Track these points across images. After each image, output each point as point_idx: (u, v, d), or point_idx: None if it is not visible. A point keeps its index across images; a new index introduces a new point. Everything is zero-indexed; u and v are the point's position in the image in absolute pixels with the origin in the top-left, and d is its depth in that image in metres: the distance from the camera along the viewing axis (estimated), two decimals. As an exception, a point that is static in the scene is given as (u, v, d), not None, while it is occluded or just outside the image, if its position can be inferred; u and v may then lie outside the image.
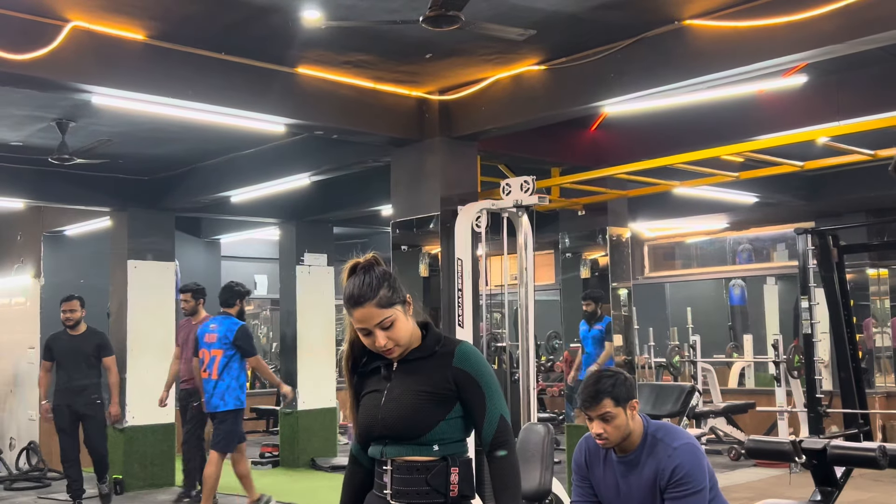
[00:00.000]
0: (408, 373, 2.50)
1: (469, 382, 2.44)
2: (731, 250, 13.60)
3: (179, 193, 9.11)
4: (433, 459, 2.42)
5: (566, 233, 8.46)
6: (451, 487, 2.43)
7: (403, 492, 2.43)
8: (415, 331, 2.53)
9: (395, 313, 2.46)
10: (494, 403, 2.45)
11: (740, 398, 11.22)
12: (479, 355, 2.53)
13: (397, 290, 2.49)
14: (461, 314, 6.34)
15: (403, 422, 2.45)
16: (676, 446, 3.39)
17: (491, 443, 2.45)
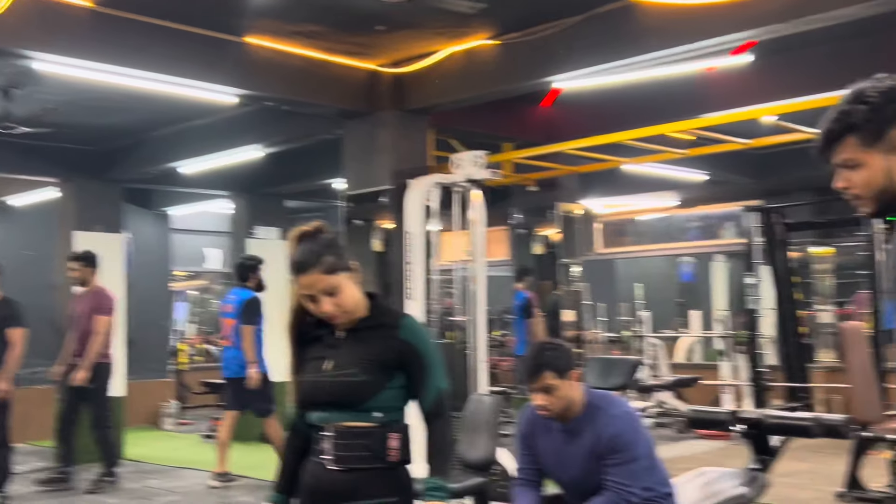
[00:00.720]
0: (353, 341, 2.53)
1: (413, 354, 2.49)
2: (681, 228, 13.80)
3: (128, 164, 8.99)
4: (374, 426, 2.46)
5: (518, 208, 8.53)
6: (390, 452, 2.46)
7: (344, 457, 2.45)
8: (361, 300, 2.55)
9: (341, 280, 2.48)
10: (434, 376, 2.51)
11: (687, 372, 11.41)
12: (424, 329, 2.58)
13: (342, 257, 2.50)
14: (411, 287, 6.38)
15: (347, 389, 2.48)
16: (616, 414, 3.47)
17: (429, 412, 2.50)
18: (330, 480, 2.47)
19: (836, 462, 8.09)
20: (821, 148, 2.04)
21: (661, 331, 13.00)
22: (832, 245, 11.83)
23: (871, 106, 1.95)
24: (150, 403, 11.74)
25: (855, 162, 1.99)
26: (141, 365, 11.43)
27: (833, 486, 6.74)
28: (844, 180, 2.03)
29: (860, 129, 1.96)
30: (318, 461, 2.52)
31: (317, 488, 2.52)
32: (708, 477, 4.25)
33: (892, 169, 1.96)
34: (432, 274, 6.75)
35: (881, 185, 1.98)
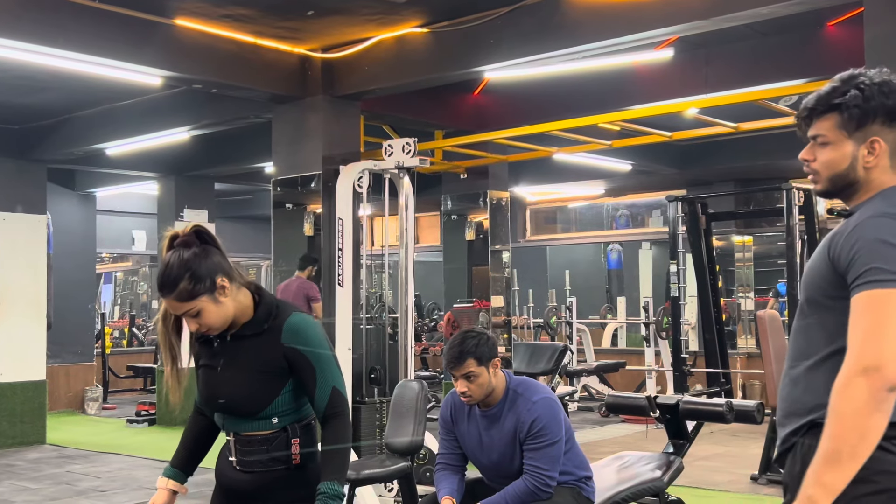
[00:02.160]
0: (238, 349, 2.48)
1: (299, 358, 2.43)
2: (609, 216, 14.05)
3: (52, 144, 8.79)
4: (273, 431, 2.46)
5: (449, 195, 8.59)
6: (293, 457, 2.48)
7: (247, 462, 2.49)
8: (243, 304, 2.47)
9: (200, 304, 2.39)
10: (325, 376, 2.44)
11: (613, 357, 11.67)
12: (310, 327, 2.46)
13: (202, 279, 2.38)
14: (341, 273, 6.39)
15: (238, 400, 2.47)
16: (535, 400, 3.56)
17: (324, 413, 2.46)
18: (237, 480, 2.52)
19: (752, 446, 8.39)
20: (803, 116, 2.09)
21: (589, 317, 13.26)
22: (753, 234, 12.20)
23: (863, 94, 1.99)
24: (73, 387, 11.53)
25: (827, 140, 2.03)
26: (64, 348, 11.22)
27: (749, 470, 7.00)
28: (809, 153, 2.08)
29: (844, 112, 2.00)
30: (226, 460, 2.56)
31: (226, 486, 2.57)
32: (625, 461, 4.40)
33: (857, 159, 2.02)
34: (363, 260, 6.78)
35: (842, 170, 2.03)
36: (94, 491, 6.90)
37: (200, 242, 2.44)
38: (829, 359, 1.93)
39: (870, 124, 2.01)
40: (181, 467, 2.65)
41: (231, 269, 2.46)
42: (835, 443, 1.80)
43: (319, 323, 2.54)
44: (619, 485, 4.04)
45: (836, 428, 1.80)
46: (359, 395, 6.51)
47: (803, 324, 2.06)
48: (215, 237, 2.49)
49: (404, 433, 5.18)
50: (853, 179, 2.05)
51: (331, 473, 2.42)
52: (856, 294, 1.85)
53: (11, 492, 6.90)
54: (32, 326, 9.02)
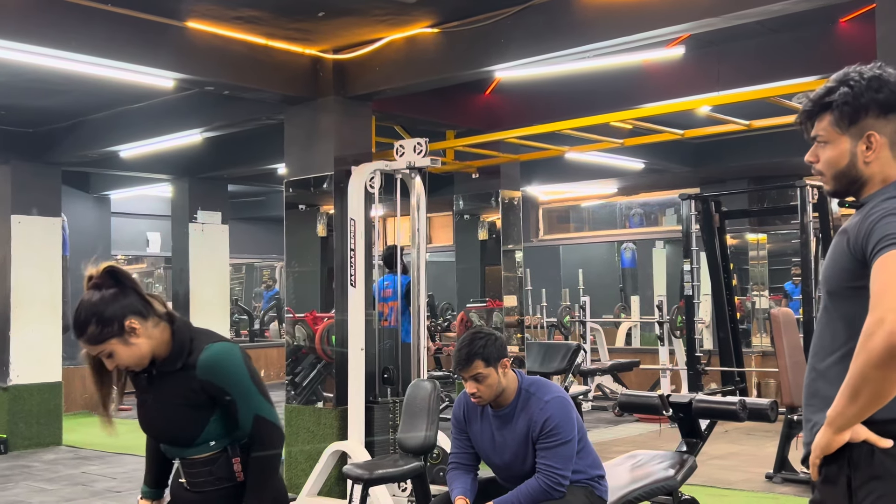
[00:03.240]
0: (161, 385, 2.51)
1: (217, 391, 2.46)
2: (622, 214, 14.02)
3: (66, 147, 8.84)
4: (214, 453, 2.51)
5: (461, 195, 8.59)
6: (237, 474, 2.52)
7: (195, 482, 2.55)
8: (160, 340, 2.48)
9: (110, 346, 2.42)
10: (247, 405, 2.47)
11: (626, 357, 11.63)
12: (223, 359, 2.48)
13: (109, 323, 2.40)
14: (353, 274, 6.40)
15: (169, 434, 2.54)
16: (548, 400, 3.56)
17: (249, 441, 2.50)
18: (189, 500, 2.59)
19: (767, 445, 8.36)
20: (802, 119, 2.14)
21: (602, 316, 13.23)
22: (766, 232, 12.15)
23: (852, 90, 2.03)
24: (89, 389, 11.55)
25: (825, 139, 2.08)
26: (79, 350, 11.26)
27: (763, 468, 6.97)
28: (813, 155, 2.12)
29: (835, 110, 2.05)
30: (177, 482, 2.63)
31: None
32: (638, 459, 4.39)
33: (856, 155, 2.05)
34: (375, 260, 6.79)
35: (842, 167, 2.07)
36: (110, 492, 6.94)
37: (114, 283, 2.46)
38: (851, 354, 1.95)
39: (863, 119, 2.03)
40: (155, 485, 2.75)
41: (144, 309, 2.47)
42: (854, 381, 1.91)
43: (236, 348, 2.54)
44: (632, 483, 4.04)
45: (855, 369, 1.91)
46: (372, 395, 6.52)
47: (826, 318, 2.11)
48: (128, 275, 2.51)
49: (417, 432, 5.19)
50: (856, 176, 2.07)
51: (251, 499, 2.47)
52: (873, 262, 1.92)
53: (28, 493, 6.95)
54: (48, 328, 9.08)
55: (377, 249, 6.81)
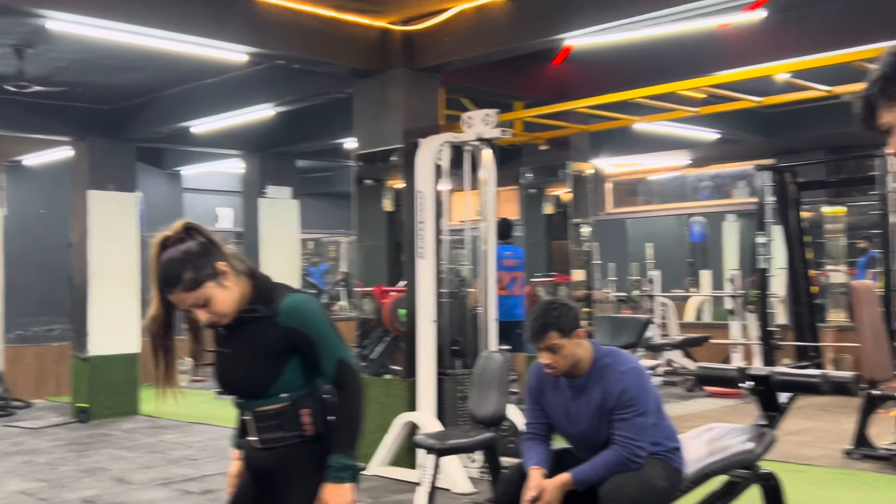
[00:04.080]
0: (239, 335, 2.54)
1: (299, 337, 2.48)
2: (692, 187, 13.76)
3: (140, 123, 9.01)
4: (284, 406, 2.52)
5: (529, 168, 8.51)
6: (305, 427, 2.53)
7: (265, 438, 2.57)
8: (242, 290, 2.53)
9: (207, 291, 2.45)
10: (329, 349, 2.49)
11: (697, 332, 11.47)
12: (305, 305, 2.52)
13: (204, 267, 2.45)
14: (422, 246, 6.41)
15: (243, 385, 2.56)
16: (623, 370, 3.51)
17: (334, 384, 2.53)
18: (258, 458, 2.61)
19: (843, 421, 8.16)
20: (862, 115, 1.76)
21: (671, 290, 13.04)
22: (844, 204, 11.79)
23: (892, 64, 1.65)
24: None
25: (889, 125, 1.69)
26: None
27: (841, 444, 6.81)
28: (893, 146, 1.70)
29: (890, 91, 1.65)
30: (248, 441, 2.65)
31: (252, 467, 2.66)
32: (715, 433, 4.31)
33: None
34: (443, 234, 6.77)
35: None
36: (187, 459, 7.10)
37: (194, 236, 2.50)
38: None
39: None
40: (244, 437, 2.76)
41: (228, 258, 2.52)
42: None
43: (315, 299, 2.59)
44: (709, 456, 3.96)
45: None
46: (441, 367, 6.54)
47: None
48: (206, 230, 2.55)
49: (488, 404, 5.18)
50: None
51: (339, 446, 2.49)
52: None
53: (108, 459, 7.16)
54: (126, 301, 9.31)
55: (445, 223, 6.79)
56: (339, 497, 2.45)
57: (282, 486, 2.56)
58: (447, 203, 6.65)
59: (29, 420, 9.14)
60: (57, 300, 10.52)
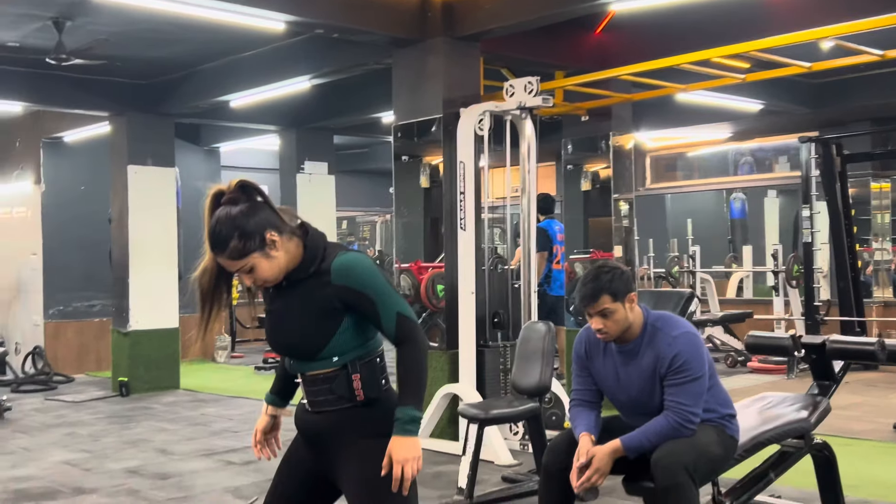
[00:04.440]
0: (291, 296, 2.49)
1: (353, 295, 2.42)
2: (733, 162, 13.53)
3: (178, 98, 9.00)
4: (334, 370, 2.47)
5: (570, 140, 8.39)
6: (356, 393, 2.48)
7: (315, 401, 2.53)
8: (292, 253, 2.47)
9: (252, 260, 2.41)
10: (387, 305, 2.43)
11: (737, 308, 11.31)
12: (359, 262, 2.46)
13: (251, 237, 2.39)
14: (463, 217, 6.34)
15: (295, 346, 2.51)
16: (676, 335, 3.42)
17: (395, 340, 2.46)
18: (311, 421, 2.57)
19: (892, 396, 8.02)
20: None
21: (711, 267, 12.87)
22: (891, 178, 11.53)
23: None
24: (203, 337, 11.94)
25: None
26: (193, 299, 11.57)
27: (890, 419, 6.68)
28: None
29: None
30: (301, 403, 2.61)
31: (303, 429, 2.62)
32: (768, 402, 4.21)
33: None
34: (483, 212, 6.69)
35: None
36: (228, 431, 7.13)
37: (248, 197, 2.45)
38: None
39: None
40: (279, 394, 2.77)
41: (280, 222, 2.46)
42: None
43: (368, 257, 2.53)
44: (763, 425, 3.87)
45: None
46: (482, 339, 6.48)
47: None
48: (261, 189, 2.49)
49: (532, 375, 5.12)
50: None
51: (406, 398, 2.44)
52: None
53: (150, 431, 7.20)
54: (165, 276, 9.35)
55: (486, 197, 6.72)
56: (407, 449, 2.39)
57: (333, 450, 2.52)
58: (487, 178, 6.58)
59: (70, 394, 9.23)
60: (97, 276, 10.59)
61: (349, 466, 2.48)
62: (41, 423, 7.64)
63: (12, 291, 11.10)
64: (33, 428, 7.44)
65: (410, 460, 2.38)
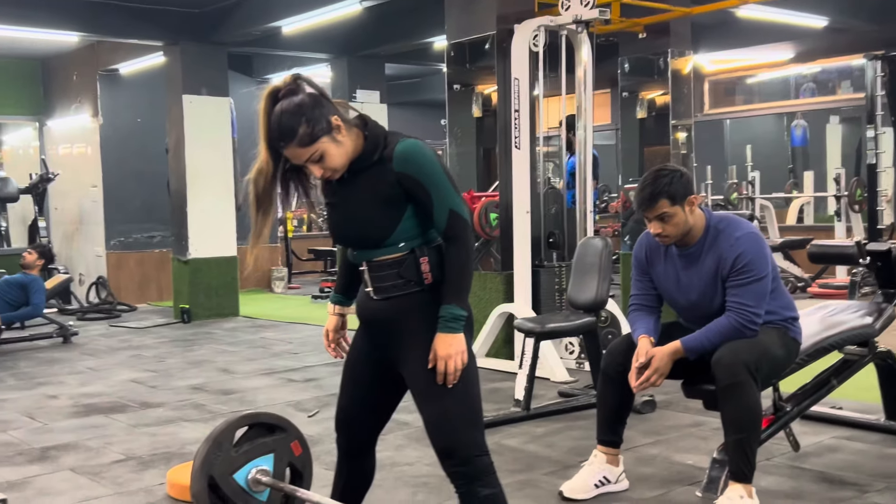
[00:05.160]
0: (353, 185, 2.49)
1: (412, 183, 2.41)
2: (794, 86, 13.16)
3: (231, 25, 9.00)
4: (402, 255, 2.48)
5: (625, 60, 8.22)
6: (425, 276, 2.48)
7: (381, 287, 2.52)
8: (355, 142, 2.47)
9: (321, 146, 2.41)
10: (441, 198, 2.42)
11: (798, 235, 11.09)
12: (420, 152, 2.44)
13: (318, 121, 2.39)
14: (517, 136, 6.27)
15: (360, 235, 2.51)
16: (738, 236, 3.36)
17: (443, 235, 2.47)
18: (376, 308, 2.57)
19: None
20: None
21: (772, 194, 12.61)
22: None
23: None
24: (260, 267, 12.16)
25: None
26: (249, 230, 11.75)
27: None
28: None
29: None
30: (363, 292, 2.61)
31: (368, 319, 2.63)
32: (831, 309, 4.14)
33: None
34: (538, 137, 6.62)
35: None
36: (287, 353, 7.26)
37: (305, 88, 2.45)
38: None
39: None
40: (344, 293, 2.79)
41: (339, 111, 2.45)
42: None
43: (428, 146, 2.50)
44: (826, 331, 3.81)
45: None
46: (537, 259, 6.46)
47: None
48: (315, 82, 2.47)
49: (588, 290, 5.09)
50: None
51: (450, 296, 2.45)
52: None
53: (212, 353, 7.36)
54: (223, 205, 9.47)
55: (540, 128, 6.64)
56: (450, 345, 2.41)
57: (397, 337, 2.53)
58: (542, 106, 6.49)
59: (134, 321, 9.46)
60: (156, 207, 10.77)
61: (413, 353, 2.49)
62: (107, 347, 7.85)
63: (75, 224, 11.36)
64: (100, 351, 7.65)
65: (454, 355, 2.41)
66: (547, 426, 4.72)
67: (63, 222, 11.57)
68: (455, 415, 2.43)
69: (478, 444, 2.45)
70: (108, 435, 4.76)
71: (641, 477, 3.79)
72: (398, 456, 4.19)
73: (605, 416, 3.64)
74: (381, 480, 3.82)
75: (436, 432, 2.45)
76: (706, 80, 12.17)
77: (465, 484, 2.44)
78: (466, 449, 2.42)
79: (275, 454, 3.09)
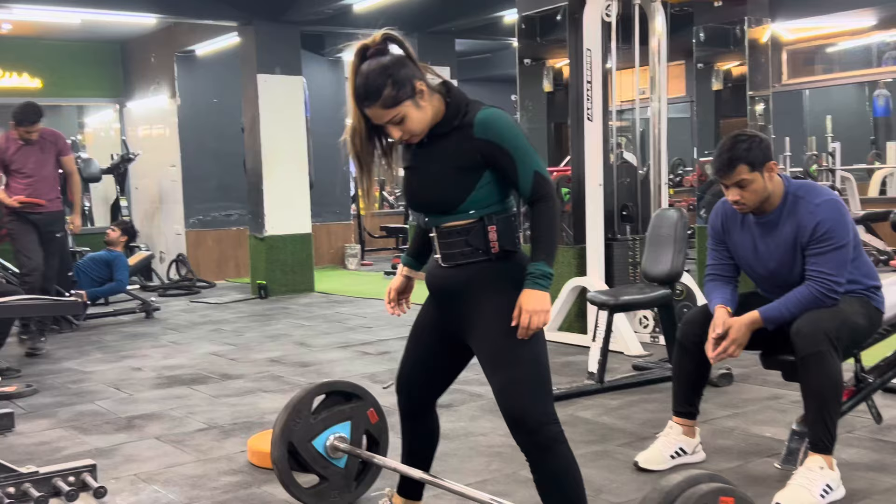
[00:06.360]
0: (432, 151, 2.50)
1: (494, 150, 2.42)
2: (876, 55, 12.72)
3: (303, 4, 9.08)
4: (471, 222, 2.49)
5: (700, 29, 8.06)
6: (492, 245, 2.49)
7: (449, 254, 2.54)
8: (436, 108, 2.48)
9: (404, 109, 2.42)
10: (525, 162, 2.44)
11: (881, 207, 10.76)
12: (501, 117, 2.45)
13: (403, 84, 2.40)
14: (590, 108, 6.22)
15: (434, 200, 2.52)
16: (818, 203, 3.28)
17: (530, 198, 2.47)
18: (443, 276, 2.59)
19: None
20: None
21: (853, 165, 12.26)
22: None
23: None
24: (333, 244, 12.32)
25: None
26: (324, 208, 11.93)
27: None
28: None
29: None
30: (433, 260, 2.64)
31: (436, 287, 2.65)
32: (915, 279, 4.01)
33: None
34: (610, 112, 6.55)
35: None
36: (362, 327, 7.35)
37: (393, 49, 2.45)
38: None
39: None
40: (415, 256, 2.85)
41: (424, 76, 2.46)
42: None
43: (509, 114, 2.51)
44: (909, 301, 3.70)
45: None
46: (610, 233, 6.41)
47: None
48: (405, 43, 2.48)
49: (664, 262, 5.03)
50: None
51: (539, 254, 2.46)
52: None
53: (289, 327, 7.51)
54: (297, 183, 9.61)
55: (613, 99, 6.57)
56: (537, 301, 2.42)
57: (464, 305, 2.54)
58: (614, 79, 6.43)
59: (213, 297, 9.69)
60: (233, 186, 10.98)
61: (481, 322, 2.50)
62: (188, 322, 8.07)
63: (155, 203, 11.67)
64: (181, 325, 7.87)
65: (539, 312, 2.41)
66: (621, 399, 4.70)
67: (143, 201, 11.89)
68: (524, 382, 2.44)
69: (547, 411, 2.45)
70: (190, 405, 4.90)
71: (719, 449, 3.76)
72: (472, 426, 4.23)
73: (681, 388, 3.61)
74: (456, 449, 3.87)
75: (505, 399, 2.45)
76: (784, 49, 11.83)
77: (535, 451, 2.45)
78: (536, 416, 2.42)
79: (352, 422, 3.16)
